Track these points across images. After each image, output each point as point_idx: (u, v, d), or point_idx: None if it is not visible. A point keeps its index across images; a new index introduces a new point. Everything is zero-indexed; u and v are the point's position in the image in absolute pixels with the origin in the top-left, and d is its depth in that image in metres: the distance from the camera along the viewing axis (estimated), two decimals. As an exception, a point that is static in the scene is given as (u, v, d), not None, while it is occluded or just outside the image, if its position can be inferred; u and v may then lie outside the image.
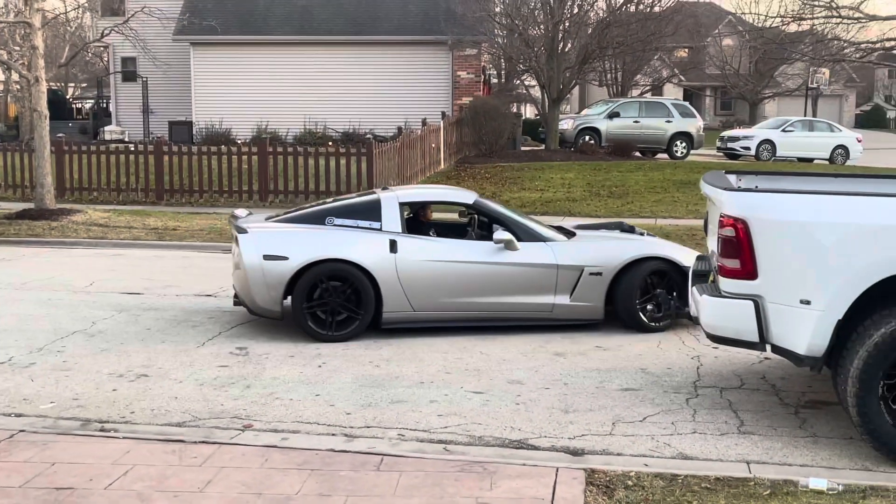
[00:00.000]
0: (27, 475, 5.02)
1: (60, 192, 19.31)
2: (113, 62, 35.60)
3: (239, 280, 8.44)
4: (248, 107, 31.24)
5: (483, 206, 9.14)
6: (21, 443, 5.57)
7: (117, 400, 6.59)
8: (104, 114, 38.19)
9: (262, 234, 8.44)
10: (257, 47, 31.85)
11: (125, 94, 35.43)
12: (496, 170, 24.95)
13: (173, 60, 31.75)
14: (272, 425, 6.07)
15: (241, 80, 31.68)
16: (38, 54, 17.43)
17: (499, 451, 5.64)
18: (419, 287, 8.35)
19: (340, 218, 8.60)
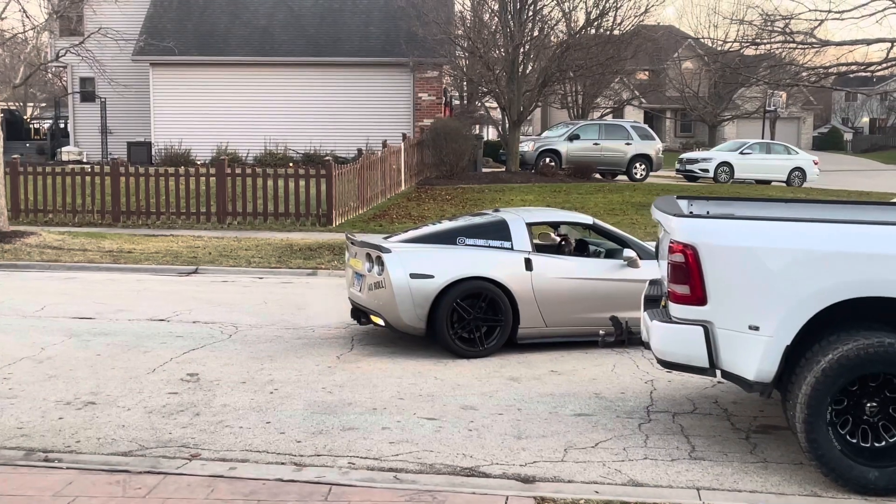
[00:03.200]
0: (-36, 509, 4.90)
1: (15, 214, 19.06)
2: (71, 82, 35.29)
3: (381, 298, 8.55)
4: (208, 127, 31.08)
5: (601, 226, 9.62)
6: (-40, 474, 5.43)
7: (63, 428, 6.47)
8: (62, 134, 37.82)
9: (406, 253, 8.66)
10: (217, 68, 31.72)
11: (83, 115, 35.10)
12: (457, 191, 25.00)
13: (132, 81, 31.49)
14: (220, 454, 5.98)
15: (200, 100, 31.52)
16: (-8, 75, 17.17)
17: (449, 479, 5.59)
18: (552, 303, 8.71)
19: (471, 238, 8.91)
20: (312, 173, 19.50)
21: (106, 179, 19.81)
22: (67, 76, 35.95)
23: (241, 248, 15.94)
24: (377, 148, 25.42)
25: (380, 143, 26.03)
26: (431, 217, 20.57)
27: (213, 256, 15.00)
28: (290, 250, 15.64)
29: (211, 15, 33.03)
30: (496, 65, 30.32)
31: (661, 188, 26.53)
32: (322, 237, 17.40)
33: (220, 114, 31.31)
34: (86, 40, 20.78)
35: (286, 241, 16.75)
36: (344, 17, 32.78)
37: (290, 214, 19.30)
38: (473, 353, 8.49)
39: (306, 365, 8.30)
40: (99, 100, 34.14)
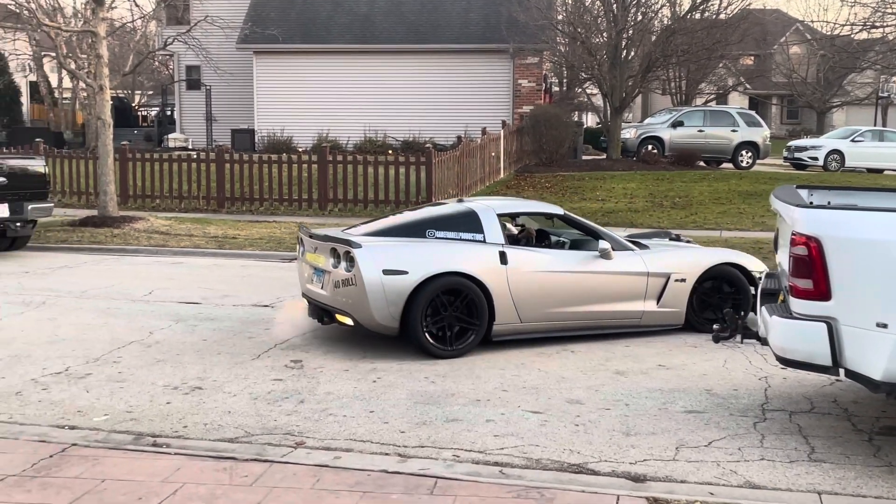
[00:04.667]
0: (76, 492, 4.95)
1: (123, 200, 19.53)
2: (178, 70, 36.07)
3: (351, 297, 7.96)
4: (310, 115, 31.39)
5: (572, 218, 9.25)
6: (73, 457, 5.51)
7: (171, 413, 6.53)
8: (169, 121, 38.71)
9: (378, 248, 8.08)
10: (319, 56, 31.99)
11: (189, 102, 35.86)
12: (556, 179, 24.71)
13: (236, 69, 32.02)
14: (325, 443, 5.94)
15: (302, 88, 31.86)
16: (103, 63, 17.63)
17: (557, 476, 5.44)
18: (527, 298, 8.32)
19: (441, 230, 8.45)
20: (412, 161, 19.49)
21: (211, 166, 20.15)
22: (174, 64, 36.76)
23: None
24: (476, 135, 25.29)
25: (479, 130, 25.88)
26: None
27: (315, 243, 15.09)
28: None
29: (313, 3, 33.32)
30: (598, 50, 29.85)
31: (769, 177, 25.77)
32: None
33: (321, 101, 31.60)
34: (192, 29, 21.15)
35: (386, 229, 16.74)
36: (444, 4, 32.71)
37: (389, 201, 19.34)
38: (449, 352, 8.00)
39: (409, 353, 8.23)
40: (204, 87, 34.80)
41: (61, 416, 6.40)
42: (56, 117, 40.85)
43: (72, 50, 21.51)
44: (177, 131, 35.59)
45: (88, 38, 20.31)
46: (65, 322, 9.32)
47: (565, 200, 21.11)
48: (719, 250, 10.02)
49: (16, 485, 5.06)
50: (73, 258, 13.85)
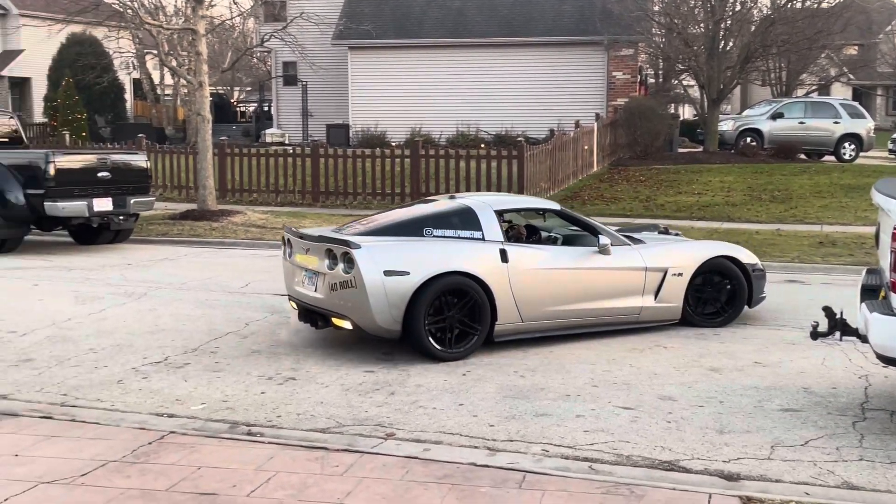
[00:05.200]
0: (173, 479, 5.09)
1: (222, 194, 19.98)
2: (275, 67, 36.70)
3: (350, 299, 7.59)
4: (403, 109, 31.62)
5: (568, 213, 9.04)
6: (170, 445, 5.67)
7: (265, 403, 6.66)
8: (266, 117, 39.43)
9: (378, 248, 7.69)
10: (412, 50, 32.19)
11: (286, 98, 36.47)
12: (651, 172, 24.39)
13: (331, 65, 32.44)
14: (414, 435, 5.98)
15: (396, 83, 32.09)
16: (202, 60, 18.04)
17: (648, 473, 5.37)
18: (528, 296, 8.08)
19: (439, 228, 8.13)
20: (504, 154, 19.47)
21: (306, 161, 20.46)
22: (271, 60, 37.42)
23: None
24: (569, 128, 25.11)
25: (571, 123, 25.71)
26: (625, 199, 20.16)
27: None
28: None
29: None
30: (695, 41, 29.34)
31: (873, 170, 24.98)
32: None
33: (414, 96, 31.79)
34: (288, 25, 21.50)
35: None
36: (537, -3, 32.58)
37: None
38: (452, 355, 7.72)
39: (498, 348, 8.22)
40: (300, 83, 35.35)
41: (160, 405, 6.58)
42: (158, 113, 41.98)
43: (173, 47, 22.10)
44: (274, 127, 36.23)
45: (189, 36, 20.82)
46: (164, 313, 9.59)
47: (660, 194, 20.82)
48: (713, 243, 9.91)
49: (116, 470, 5.23)
50: (173, 251, 14.23)
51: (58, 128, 34.23)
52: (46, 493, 4.89)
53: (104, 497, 4.84)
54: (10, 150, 15.20)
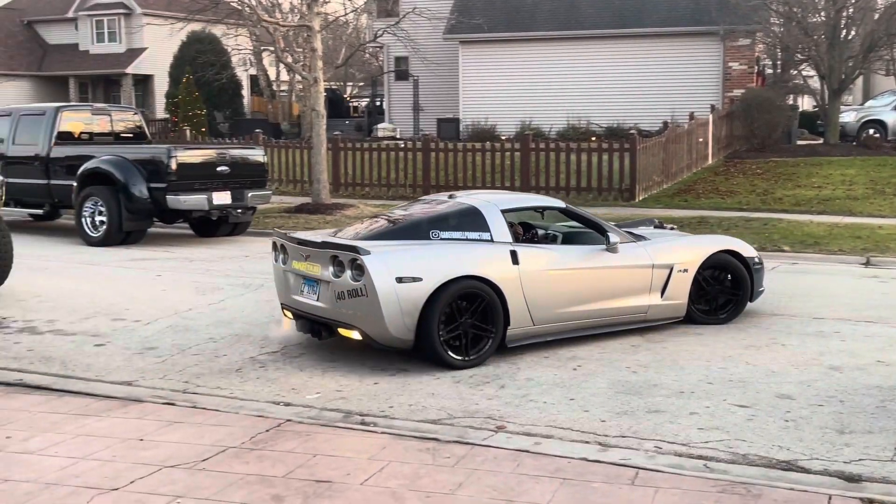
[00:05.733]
0: (290, 466, 5.22)
1: (335, 188, 20.33)
2: (387, 62, 37.11)
3: (360, 309, 7.16)
4: (513, 103, 31.59)
5: (573, 210, 8.68)
6: (287, 432, 5.80)
7: (378, 394, 6.75)
8: (378, 111, 39.90)
9: (388, 254, 7.25)
10: (523, 44, 32.11)
11: (397, 93, 36.84)
12: (768, 165, 23.79)
13: (442, 59, 32.61)
14: (525, 428, 5.99)
15: (506, 76, 32.08)
16: (317, 56, 18.37)
17: (764, 472, 5.26)
18: (539, 299, 7.74)
19: (445, 230, 7.75)
20: (615, 147, 19.27)
21: (417, 155, 20.64)
22: (383, 56, 37.85)
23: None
24: (683, 120, 24.68)
25: (685, 115, 25.25)
26: (741, 192, 19.73)
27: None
28: (593, 225, 15.54)
29: (518, -9, 33.47)
30: (815, 30, 28.44)
31: None
32: (624, 212, 17.14)
33: (525, 89, 31.71)
34: (401, 20, 21.69)
35: (589, 216, 16.65)
36: (651, -13, 32.10)
37: (591, 189, 19.20)
38: (467, 362, 7.35)
39: (609, 343, 8.17)
40: (412, 78, 35.65)
41: (277, 393, 6.75)
42: (274, 109, 42.94)
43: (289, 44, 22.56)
44: (385, 121, 36.65)
45: (304, 33, 21.21)
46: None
47: (778, 187, 20.29)
48: (713, 237, 9.62)
49: (235, 456, 5.39)
50: (288, 243, 14.53)
51: (179, 123, 35.35)
52: (170, 476, 5.07)
53: (224, 482, 4.99)
54: (134, 146, 15.78)
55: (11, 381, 7.04)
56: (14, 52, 44.90)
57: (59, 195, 15.43)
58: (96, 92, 45.97)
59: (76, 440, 5.68)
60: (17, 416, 6.16)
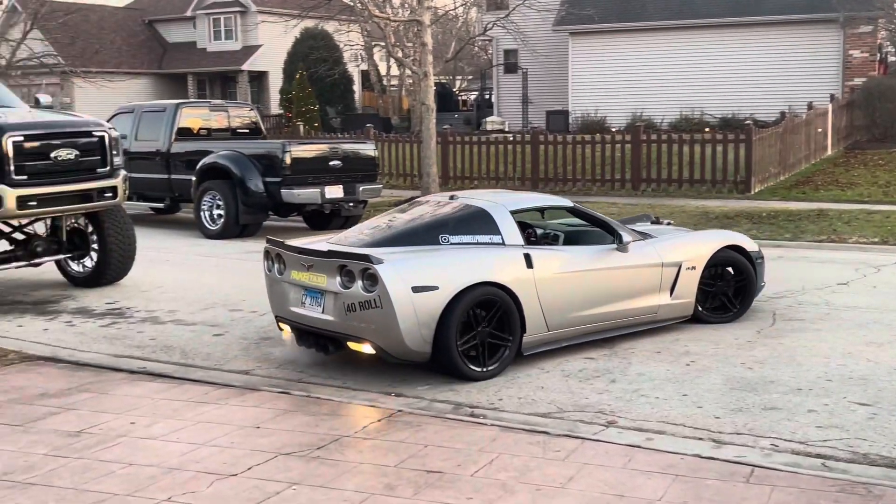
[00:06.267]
0: (402, 455, 5.29)
1: (444, 181, 20.44)
2: (496, 55, 37.11)
3: (374, 321, 6.68)
4: (623, 94, 31.21)
5: (581, 210, 8.25)
6: (398, 423, 5.88)
7: (487, 386, 6.78)
8: (486, 105, 39.94)
9: (402, 261, 6.81)
10: (634, 34, 31.69)
11: (506, 86, 36.80)
12: (891, 156, 22.93)
13: (551, 51, 32.43)
14: (636, 423, 5.93)
15: (616, 68, 31.72)
16: (427, 51, 18.50)
17: (886, 472, 5.08)
18: (554, 303, 7.37)
19: (455, 234, 7.31)
20: (730, 138, 18.85)
21: (526, 148, 20.59)
22: (492, 49, 37.86)
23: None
24: (800, 110, 23.98)
25: (802, 105, 24.56)
26: (862, 184, 19.09)
27: (628, 223, 15.05)
28: (705, 218, 15.26)
29: (629, -19, 33.04)
30: (942, 15, 27.27)
31: None
32: (739, 205, 16.78)
33: (635, 80, 31.29)
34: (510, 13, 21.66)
35: (701, 209, 16.36)
36: (767, -25, 31.27)
37: (705, 181, 18.83)
38: (485, 374, 6.95)
39: (724, 338, 8.01)
40: (520, 70, 35.56)
41: (388, 384, 6.84)
42: (384, 103, 43.43)
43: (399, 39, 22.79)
44: (494, 114, 36.66)
45: (414, 27, 21.39)
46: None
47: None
48: (717, 232, 9.32)
49: (348, 445, 5.49)
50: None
51: (292, 119, 36.07)
52: (285, 463, 5.20)
53: (337, 470, 5.09)
54: (250, 141, 16.18)
55: (135, 369, 7.32)
56: (136, 50, 46.52)
57: (178, 189, 15.93)
58: (213, 88, 47.27)
59: (196, 427, 5.87)
60: (141, 403, 6.41)
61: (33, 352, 7.87)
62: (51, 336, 8.51)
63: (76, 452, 5.41)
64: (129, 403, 6.40)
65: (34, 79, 32.30)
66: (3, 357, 7.65)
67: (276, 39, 39.67)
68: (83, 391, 6.68)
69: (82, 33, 40.84)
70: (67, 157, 9.48)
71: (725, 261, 8.63)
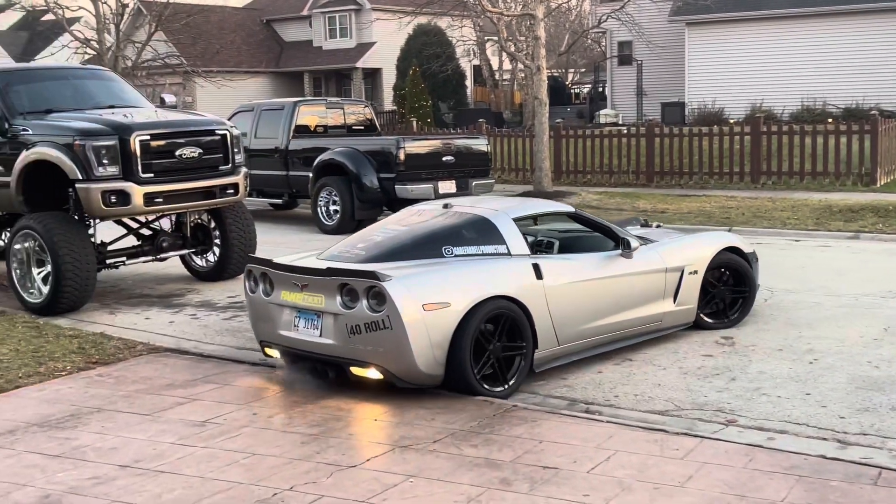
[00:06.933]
0: (517, 451, 5.29)
1: (556, 175, 20.34)
2: (609, 47, 36.70)
3: (383, 344, 6.17)
4: (742, 85, 30.49)
5: (583, 216, 7.78)
6: (513, 418, 5.89)
7: (602, 382, 6.74)
8: (600, 97, 39.55)
9: (411, 277, 6.32)
10: (752, 23, 30.91)
11: (620, 78, 36.37)
12: None
13: (667, 42, 31.91)
14: (757, 423, 5.80)
15: (734, 58, 31.01)
16: (540, 44, 18.44)
17: None
18: (564, 315, 6.91)
19: (459, 245, 6.82)
20: (854, 129, 18.21)
21: (640, 140, 20.31)
22: (606, 41, 37.45)
23: (776, 208, 15.43)
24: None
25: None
26: None
27: (747, 217, 14.71)
28: (828, 212, 14.81)
29: (748, -32, 32.23)
30: None
31: None
32: (864, 198, 16.20)
33: (754, 70, 30.54)
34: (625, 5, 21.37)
35: (824, 202, 15.87)
36: (894, -42, 30.07)
37: (828, 174, 18.25)
38: (500, 393, 6.44)
39: (849, 335, 7.76)
40: (635, 62, 35.10)
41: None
42: (496, 98, 43.43)
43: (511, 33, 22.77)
44: (608, 107, 36.28)
45: (527, 21, 21.33)
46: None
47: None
48: (712, 234, 8.76)
49: (463, 439, 5.52)
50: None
51: (405, 115, 36.41)
52: (402, 456, 5.26)
53: (453, 463, 5.13)
54: (365, 138, 16.41)
55: (256, 361, 7.49)
56: (255, 50, 47.65)
57: (296, 186, 16.27)
58: (328, 86, 48.08)
59: (315, 418, 5.99)
60: (263, 394, 6.57)
61: (160, 343, 8.16)
62: (176, 328, 8.81)
63: (202, 441, 5.60)
64: (251, 394, 6.58)
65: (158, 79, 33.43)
66: (132, 348, 7.96)
67: (390, 36, 40.08)
68: (207, 382, 6.89)
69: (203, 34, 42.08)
70: (191, 156, 9.79)
71: (725, 263, 8.19)
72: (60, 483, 5.01)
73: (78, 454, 5.46)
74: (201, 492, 4.86)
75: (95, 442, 5.67)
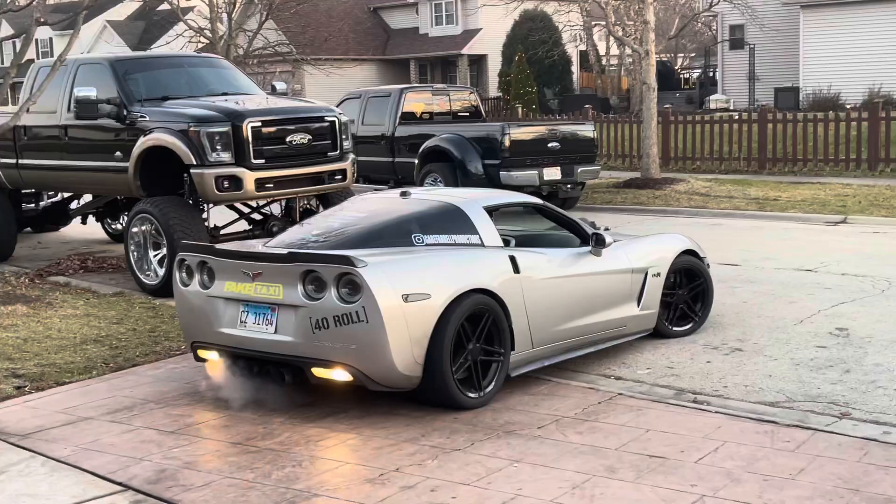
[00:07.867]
0: (623, 439, 5.25)
1: (665, 162, 20.02)
2: (721, 31, 35.89)
3: (357, 339, 5.49)
4: (858, 69, 29.45)
5: (550, 209, 7.22)
6: (619, 406, 5.84)
7: (711, 372, 6.62)
8: (710, 83, 38.71)
9: (388, 264, 5.71)
10: (869, 5, 29.84)
11: (731, 62, 35.52)
12: None
13: (781, 25, 31.05)
14: (873, 416, 5.62)
15: (850, 41, 29.97)
16: (649, 28, 18.15)
17: None
18: (540, 314, 6.35)
19: (430, 234, 6.23)
20: (982, 114, 17.42)
21: (752, 126, 19.82)
22: (717, 25, 36.63)
23: (895, 196, 14.89)
24: None
25: None
26: None
27: (864, 206, 14.25)
28: (952, 200, 14.23)
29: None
30: None
31: None
32: None
33: (872, 54, 29.46)
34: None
35: (948, 190, 15.25)
36: None
37: (952, 160, 17.51)
38: (479, 399, 5.87)
39: (973, 329, 7.46)
40: (747, 46, 34.25)
41: (607, 367, 6.81)
42: (602, 84, 42.92)
43: (619, 18, 22.44)
44: (718, 92, 35.49)
45: (636, 5, 21.01)
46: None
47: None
48: (672, 236, 8.14)
49: (568, 426, 5.51)
50: (616, 218, 14.51)
51: (511, 101, 36.30)
52: (506, 441, 5.28)
53: (557, 450, 5.12)
54: (470, 124, 16.43)
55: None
56: (362, 37, 48.14)
57: (402, 172, 16.39)
58: (434, 73, 48.27)
59: (421, 401, 6.04)
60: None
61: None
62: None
63: (310, 422, 5.70)
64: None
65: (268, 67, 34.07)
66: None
67: (496, 23, 39.96)
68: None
69: (312, 22, 42.66)
70: (301, 142, 9.95)
71: (685, 267, 7.66)
72: (175, 458, 5.19)
73: (192, 431, 5.64)
74: (310, 471, 4.96)
75: (210, 420, 5.84)
